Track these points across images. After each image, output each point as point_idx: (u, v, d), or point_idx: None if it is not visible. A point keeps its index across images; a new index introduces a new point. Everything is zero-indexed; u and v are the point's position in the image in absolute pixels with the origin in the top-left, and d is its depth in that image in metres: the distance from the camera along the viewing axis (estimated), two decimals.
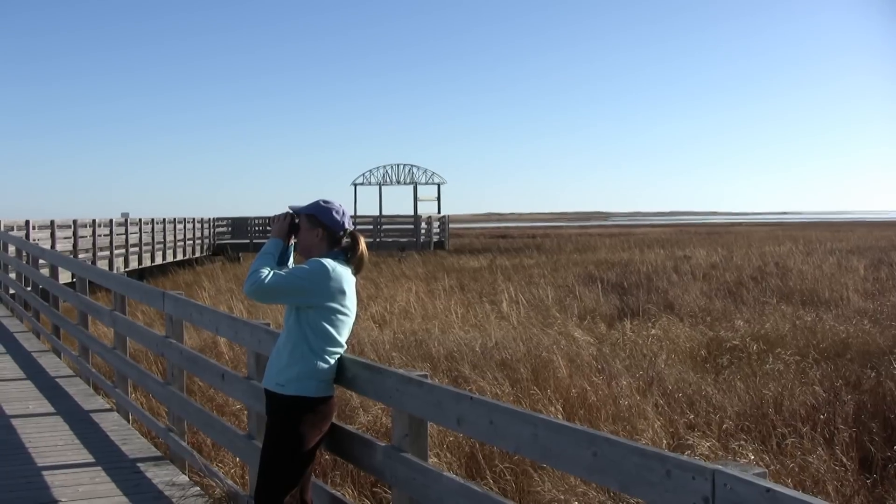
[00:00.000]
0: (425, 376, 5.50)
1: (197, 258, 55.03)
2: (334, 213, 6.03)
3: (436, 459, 9.43)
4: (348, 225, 6.08)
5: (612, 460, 4.02)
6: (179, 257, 52.03)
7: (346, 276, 5.90)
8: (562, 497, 8.77)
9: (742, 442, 10.48)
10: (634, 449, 3.95)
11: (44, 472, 9.40)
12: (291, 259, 6.29)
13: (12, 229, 30.60)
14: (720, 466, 3.55)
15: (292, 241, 6.23)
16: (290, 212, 6.17)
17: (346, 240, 6.08)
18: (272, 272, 5.86)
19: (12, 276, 23.82)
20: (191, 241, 55.76)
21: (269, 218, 6.33)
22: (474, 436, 5.34)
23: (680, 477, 3.67)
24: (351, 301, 5.94)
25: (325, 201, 6.08)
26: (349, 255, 6.03)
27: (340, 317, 5.89)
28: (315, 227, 6.02)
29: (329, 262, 5.84)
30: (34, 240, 29.57)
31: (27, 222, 33.05)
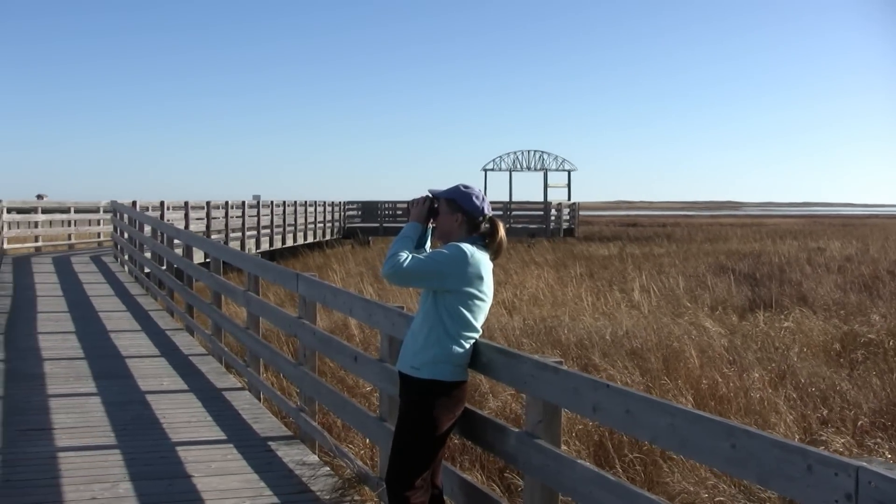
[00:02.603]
0: (560, 363, 5.47)
1: (327, 241, 55.44)
2: (474, 198, 6.02)
3: (565, 447, 9.41)
4: (487, 210, 6.07)
5: (751, 453, 3.96)
6: (310, 240, 52.53)
7: (484, 261, 5.90)
8: (691, 489, 8.70)
9: (878, 440, 10.27)
10: (775, 442, 3.87)
11: (177, 448, 9.58)
12: (429, 243, 6.30)
13: (147, 210, 31.19)
14: (864, 463, 3.47)
15: (430, 225, 6.25)
16: (430, 196, 6.19)
17: (484, 225, 6.06)
18: (411, 256, 5.88)
19: (147, 255, 24.28)
20: (321, 224, 56.23)
21: (408, 202, 6.32)
22: (610, 424, 5.31)
23: (822, 472, 3.60)
24: (488, 286, 5.93)
25: (465, 186, 6.08)
26: (487, 241, 6.02)
27: (477, 302, 5.88)
28: (454, 212, 6.02)
29: (468, 247, 5.84)
30: (168, 220, 30.07)
31: (162, 203, 33.64)
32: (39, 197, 55.67)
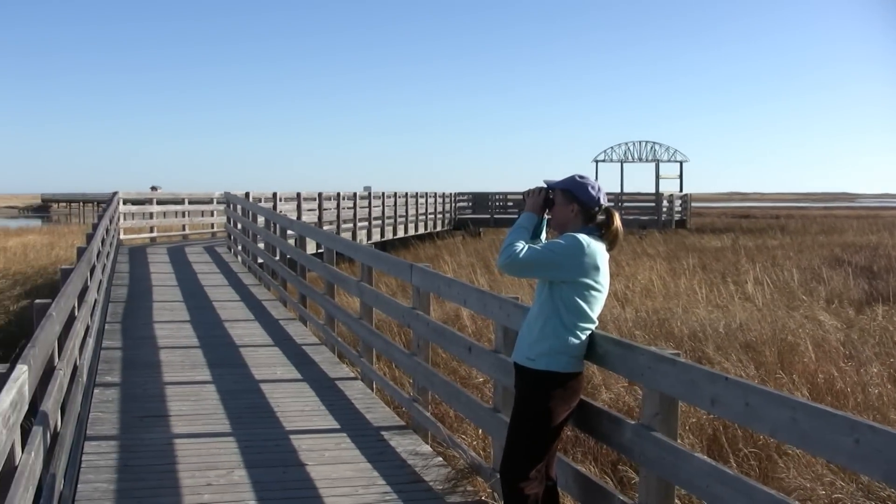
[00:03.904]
0: (678, 355, 5.43)
1: (437, 232, 55.61)
2: (590, 188, 5.97)
3: (679, 440, 9.33)
4: (603, 201, 6.02)
5: (876, 449, 3.87)
6: (420, 231, 52.66)
7: (600, 251, 5.85)
8: (808, 485, 8.56)
9: None
10: None
11: (291, 436, 9.69)
12: (544, 233, 6.27)
13: (260, 201, 31.55)
14: None
15: (546, 216, 6.21)
16: (546, 186, 6.15)
17: (600, 216, 6.02)
18: (527, 246, 5.86)
19: (260, 245, 24.55)
20: (432, 216, 56.31)
21: (523, 192, 6.29)
22: (728, 417, 5.22)
23: None
24: (604, 277, 5.88)
25: (580, 176, 6.03)
26: (603, 231, 5.98)
27: (593, 293, 5.84)
28: (570, 203, 5.98)
29: (584, 238, 5.80)
30: (281, 211, 30.36)
31: (275, 194, 34.02)
32: (153, 188, 56.69)
